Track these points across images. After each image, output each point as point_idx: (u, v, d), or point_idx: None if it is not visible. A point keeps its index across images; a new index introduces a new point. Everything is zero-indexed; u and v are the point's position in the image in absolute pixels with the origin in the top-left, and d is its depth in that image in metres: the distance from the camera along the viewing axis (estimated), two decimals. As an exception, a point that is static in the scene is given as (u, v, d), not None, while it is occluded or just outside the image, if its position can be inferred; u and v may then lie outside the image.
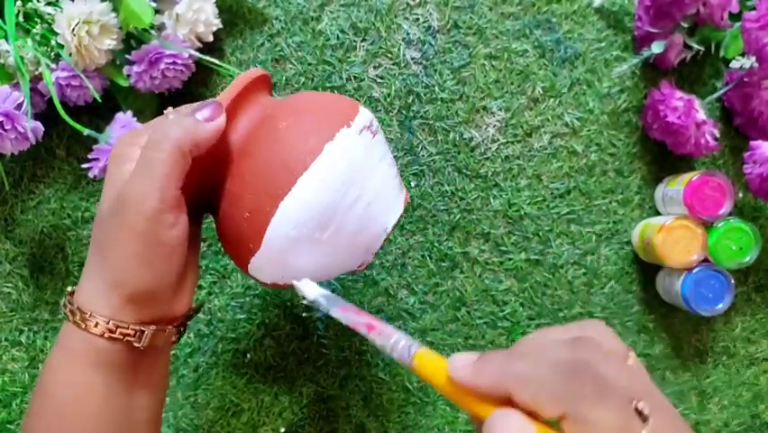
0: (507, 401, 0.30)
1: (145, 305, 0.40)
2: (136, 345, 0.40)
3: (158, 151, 0.38)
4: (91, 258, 0.41)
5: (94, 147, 0.57)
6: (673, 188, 0.62)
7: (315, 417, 0.66)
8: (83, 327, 0.39)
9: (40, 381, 0.41)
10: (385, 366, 0.66)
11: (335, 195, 0.41)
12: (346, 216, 0.42)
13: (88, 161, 0.57)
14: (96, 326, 0.39)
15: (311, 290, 0.43)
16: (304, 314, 0.66)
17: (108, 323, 0.39)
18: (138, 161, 0.39)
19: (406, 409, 0.66)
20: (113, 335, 0.39)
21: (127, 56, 0.57)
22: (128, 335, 0.39)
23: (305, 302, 0.43)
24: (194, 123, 0.39)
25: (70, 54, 0.55)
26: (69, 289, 0.42)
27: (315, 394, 0.66)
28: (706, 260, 0.61)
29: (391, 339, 0.36)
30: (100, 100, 0.58)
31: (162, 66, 0.57)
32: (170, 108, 0.43)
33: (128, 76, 0.58)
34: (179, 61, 0.58)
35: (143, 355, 0.41)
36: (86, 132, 0.56)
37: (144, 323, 0.40)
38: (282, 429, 0.66)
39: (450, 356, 0.32)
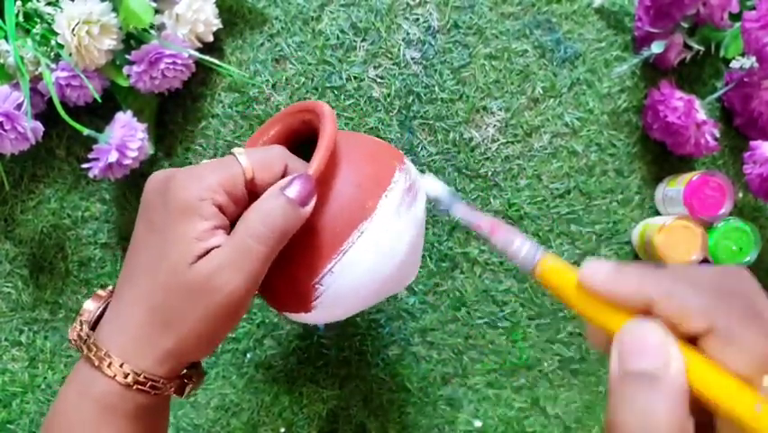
0: (645, 313, 0.28)
1: (185, 365, 0.40)
2: (167, 393, 0.39)
3: (262, 245, 0.37)
4: (138, 316, 0.38)
5: (94, 147, 0.57)
6: (673, 189, 0.62)
7: (315, 417, 0.66)
8: (104, 372, 0.37)
9: (50, 418, 0.39)
10: (385, 366, 0.66)
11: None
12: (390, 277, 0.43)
13: (88, 160, 0.57)
14: (125, 378, 0.37)
15: (434, 187, 0.41)
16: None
17: (140, 375, 0.37)
18: (236, 246, 0.37)
19: (406, 409, 0.66)
20: (138, 386, 0.37)
21: (127, 56, 0.57)
22: (156, 388, 0.38)
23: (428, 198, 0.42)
24: (293, 211, 0.38)
25: (70, 54, 0.55)
26: (84, 330, 0.39)
27: (315, 394, 0.66)
28: (706, 260, 0.61)
29: (514, 244, 0.34)
30: (100, 100, 0.58)
31: (162, 66, 0.57)
32: (239, 150, 0.40)
33: (128, 76, 0.58)
34: (179, 61, 0.58)
35: (156, 404, 0.40)
36: (85, 132, 0.56)
37: (172, 378, 0.39)
38: (282, 429, 0.66)
39: (588, 263, 0.31)
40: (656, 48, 0.61)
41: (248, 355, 0.66)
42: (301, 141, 0.46)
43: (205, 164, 0.39)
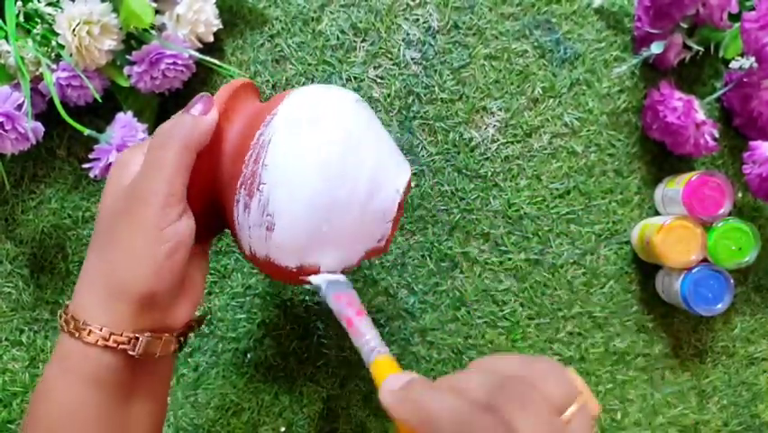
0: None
1: (145, 310, 0.39)
2: (131, 352, 0.39)
3: (164, 149, 0.40)
4: (89, 265, 0.41)
5: (94, 147, 0.57)
6: (673, 189, 0.62)
7: (316, 416, 0.67)
8: (76, 336, 0.39)
9: (34, 395, 0.41)
10: (385, 366, 0.66)
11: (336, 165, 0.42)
12: (354, 186, 0.42)
13: (89, 161, 0.57)
14: (89, 334, 0.38)
15: (318, 277, 0.43)
16: (304, 314, 0.66)
17: (101, 330, 0.38)
18: (145, 160, 0.40)
19: (405, 409, 0.66)
20: (107, 343, 0.38)
21: (128, 56, 0.58)
22: (122, 343, 0.39)
23: (310, 286, 0.43)
24: (192, 119, 0.41)
25: (71, 54, 0.55)
26: (67, 302, 0.41)
27: (315, 394, 0.67)
28: (705, 260, 0.61)
29: (363, 339, 0.37)
30: (101, 100, 0.59)
31: (163, 66, 0.57)
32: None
33: (128, 76, 0.58)
34: (180, 62, 0.59)
35: (140, 366, 0.41)
36: (86, 132, 0.56)
37: (141, 331, 0.40)
38: (282, 429, 0.66)
39: (388, 376, 0.33)
40: (656, 48, 0.61)
41: (248, 355, 0.67)
42: None
43: None
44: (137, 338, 0.39)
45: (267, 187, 0.41)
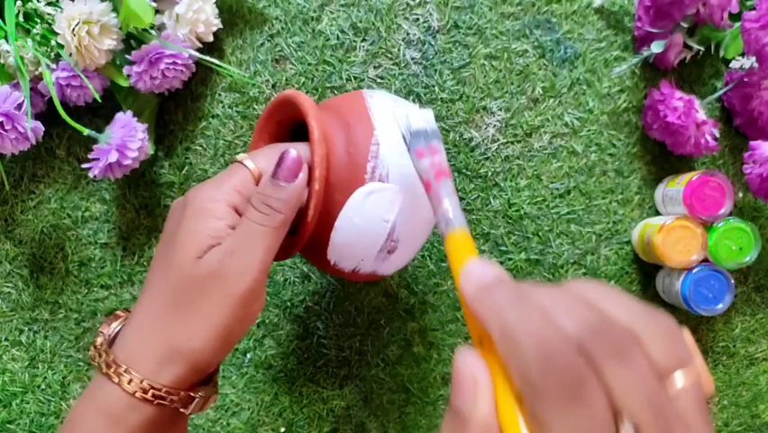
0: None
1: (197, 374, 0.39)
2: (182, 410, 0.39)
3: (264, 224, 0.39)
4: (148, 317, 0.39)
5: (94, 147, 0.57)
6: (673, 189, 0.62)
7: (315, 417, 0.66)
8: (116, 381, 0.38)
9: (61, 427, 0.40)
10: (385, 366, 0.66)
11: None
12: None
13: (88, 160, 0.57)
14: (129, 383, 0.37)
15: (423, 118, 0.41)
16: (304, 314, 0.66)
17: (142, 382, 0.37)
18: (242, 231, 0.39)
19: (406, 410, 0.66)
20: (145, 396, 0.37)
21: (127, 56, 0.57)
22: (160, 397, 0.38)
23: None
24: (293, 192, 0.40)
25: (70, 54, 0.55)
26: (99, 340, 0.40)
27: (315, 394, 0.66)
28: (706, 260, 0.61)
29: (440, 207, 0.34)
30: (100, 100, 0.58)
31: (162, 66, 0.57)
32: (243, 155, 0.43)
33: (128, 76, 0.58)
34: (179, 61, 0.58)
35: (169, 420, 0.40)
36: (86, 132, 0.56)
37: (179, 388, 0.39)
38: (282, 429, 0.66)
39: (471, 260, 0.29)
40: (656, 48, 0.61)
41: (248, 355, 0.66)
42: (295, 125, 0.49)
43: (218, 175, 0.42)
44: (190, 397, 0.39)
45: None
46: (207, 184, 0.41)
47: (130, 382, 0.37)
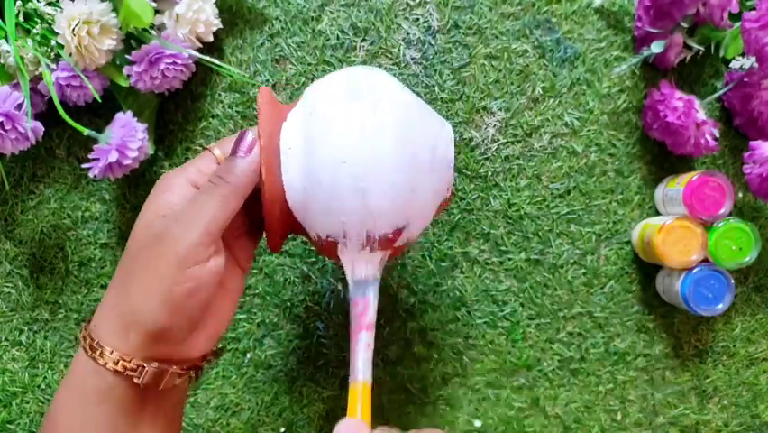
0: None
1: (155, 342, 0.39)
2: (135, 381, 0.39)
3: (208, 194, 0.40)
4: (111, 288, 0.42)
5: (94, 147, 0.57)
6: (673, 189, 0.62)
7: (315, 416, 0.66)
8: (89, 354, 0.39)
9: (48, 414, 0.41)
10: (385, 366, 0.66)
11: None
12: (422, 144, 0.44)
13: (88, 160, 0.57)
14: (101, 355, 0.39)
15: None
16: (304, 314, 0.66)
17: (112, 353, 0.39)
18: (190, 200, 0.41)
19: (405, 409, 0.66)
20: (116, 367, 0.39)
21: (127, 56, 0.57)
22: (130, 369, 0.39)
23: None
24: (236, 165, 0.41)
25: (70, 54, 0.55)
26: (89, 319, 0.42)
27: (314, 394, 0.66)
28: (706, 260, 0.61)
29: (354, 356, 0.43)
30: (100, 100, 0.58)
31: (162, 66, 0.57)
32: (213, 144, 0.45)
33: (128, 76, 0.58)
34: (179, 61, 0.58)
35: (151, 394, 0.41)
36: (86, 132, 0.56)
37: (152, 360, 0.40)
38: (282, 429, 0.66)
39: (345, 421, 0.40)
40: (656, 48, 0.61)
41: (248, 355, 0.66)
42: None
43: None
44: (144, 367, 0.39)
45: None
46: (176, 168, 0.44)
47: (101, 354, 0.39)
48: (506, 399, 0.66)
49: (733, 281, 0.60)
